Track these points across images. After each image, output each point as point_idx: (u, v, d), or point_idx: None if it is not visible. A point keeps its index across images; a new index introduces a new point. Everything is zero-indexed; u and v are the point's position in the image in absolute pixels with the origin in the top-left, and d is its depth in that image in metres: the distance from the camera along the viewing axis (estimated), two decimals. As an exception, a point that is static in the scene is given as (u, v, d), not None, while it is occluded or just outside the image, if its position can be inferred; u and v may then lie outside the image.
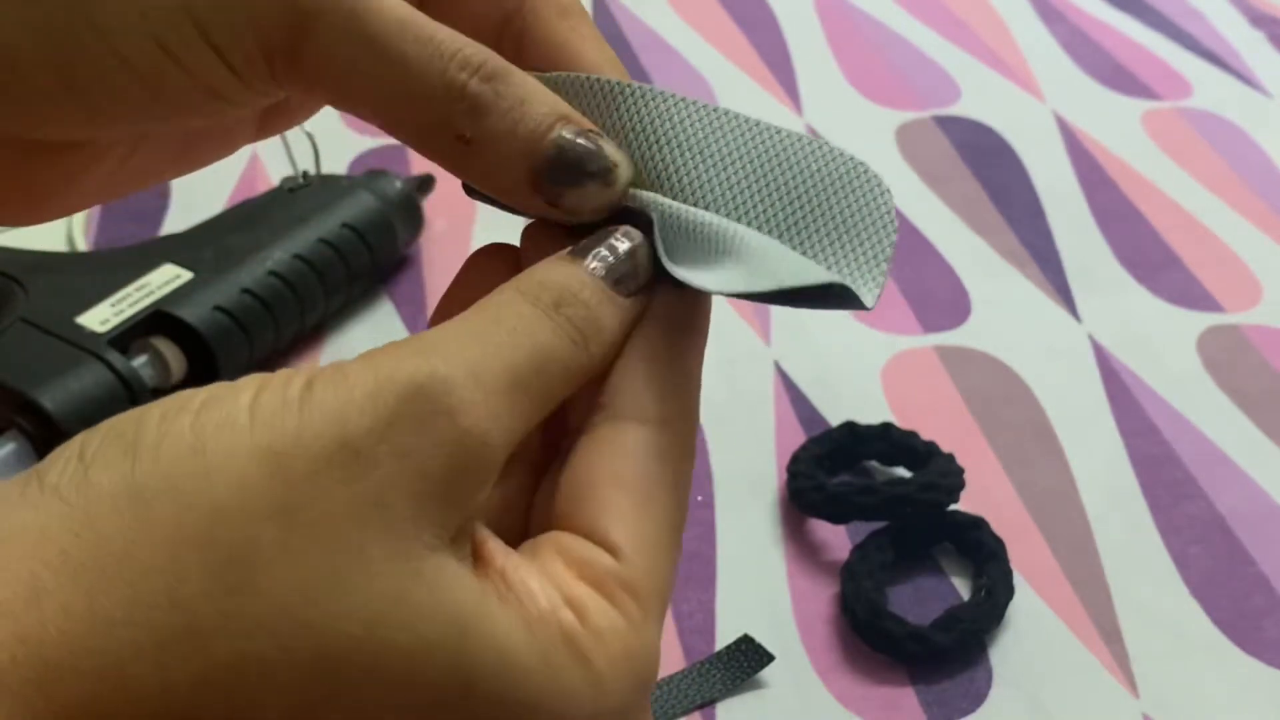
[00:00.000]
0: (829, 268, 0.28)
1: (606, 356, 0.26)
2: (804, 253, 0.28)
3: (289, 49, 0.26)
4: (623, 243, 0.27)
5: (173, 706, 0.21)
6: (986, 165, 0.71)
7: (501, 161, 0.27)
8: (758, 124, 0.29)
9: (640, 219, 0.27)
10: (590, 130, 0.27)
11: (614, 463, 0.25)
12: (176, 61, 0.26)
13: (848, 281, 0.27)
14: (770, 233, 0.28)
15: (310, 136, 0.61)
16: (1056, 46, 0.83)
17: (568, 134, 0.26)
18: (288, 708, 0.21)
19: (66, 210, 0.30)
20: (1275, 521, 0.51)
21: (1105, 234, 0.67)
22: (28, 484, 0.22)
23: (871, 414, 0.54)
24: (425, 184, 0.64)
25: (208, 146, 0.32)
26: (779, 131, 0.29)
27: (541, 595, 0.23)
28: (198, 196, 0.67)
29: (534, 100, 0.27)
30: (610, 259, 0.26)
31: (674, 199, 0.28)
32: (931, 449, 0.51)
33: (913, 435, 0.52)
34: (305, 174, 0.62)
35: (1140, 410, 0.56)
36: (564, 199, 0.27)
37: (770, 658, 0.45)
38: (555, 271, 0.26)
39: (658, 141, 0.28)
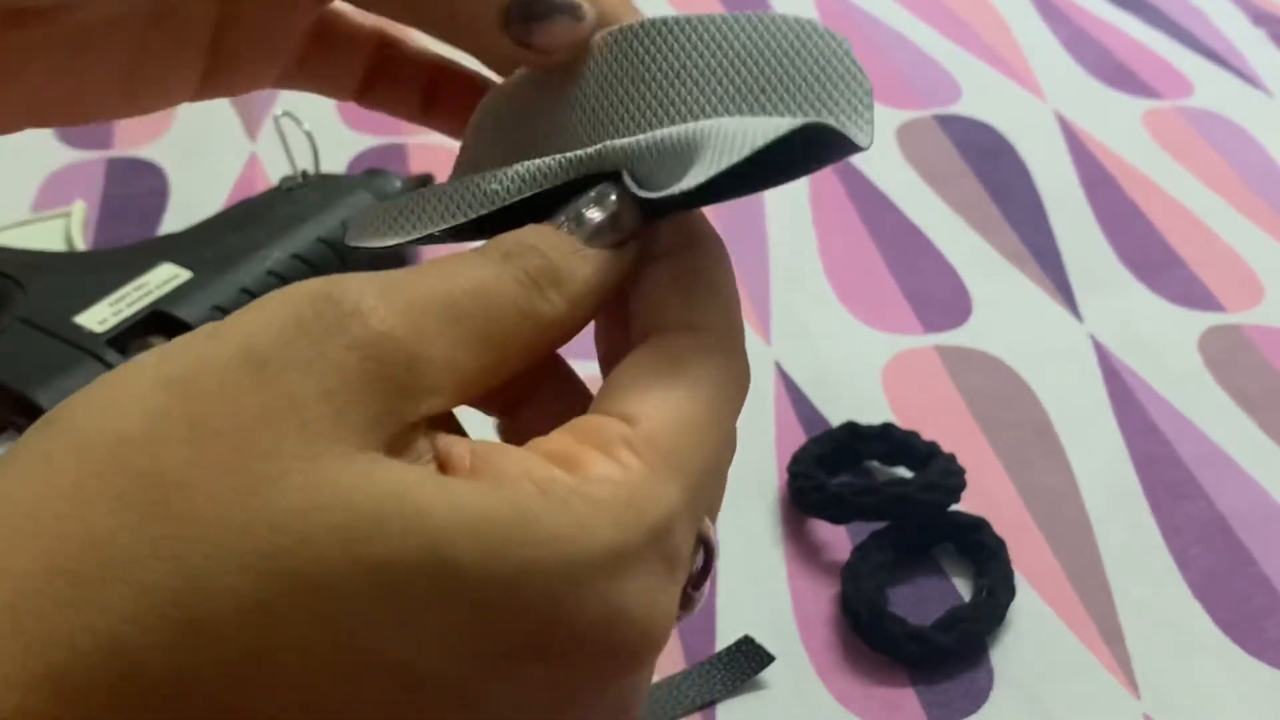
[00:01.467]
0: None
1: (585, 305, 0.25)
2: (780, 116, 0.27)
3: None
4: (595, 200, 0.25)
5: (119, 645, 0.20)
6: (987, 164, 0.71)
7: None
8: (699, 22, 0.27)
9: (610, 175, 0.26)
10: None
11: (645, 357, 0.24)
12: None
13: (833, 123, 0.26)
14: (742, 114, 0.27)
15: (309, 135, 0.61)
16: (1057, 45, 0.83)
17: None
18: (244, 613, 0.20)
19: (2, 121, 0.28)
20: (1277, 521, 0.51)
21: (1106, 233, 0.67)
22: None
23: (872, 414, 0.54)
24: (424, 183, 0.64)
25: (150, 81, 0.30)
26: (724, 21, 0.27)
27: (514, 462, 0.22)
28: (196, 196, 0.67)
29: None
30: (580, 214, 0.25)
31: (635, 128, 0.27)
32: (932, 449, 0.51)
33: (913, 435, 0.51)
34: (304, 173, 0.61)
35: (1141, 410, 0.56)
36: (533, 35, 0.26)
37: (771, 658, 0.45)
38: (515, 232, 0.25)
39: (609, 77, 0.27)
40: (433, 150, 0.71)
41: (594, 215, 0.25)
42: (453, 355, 0.22)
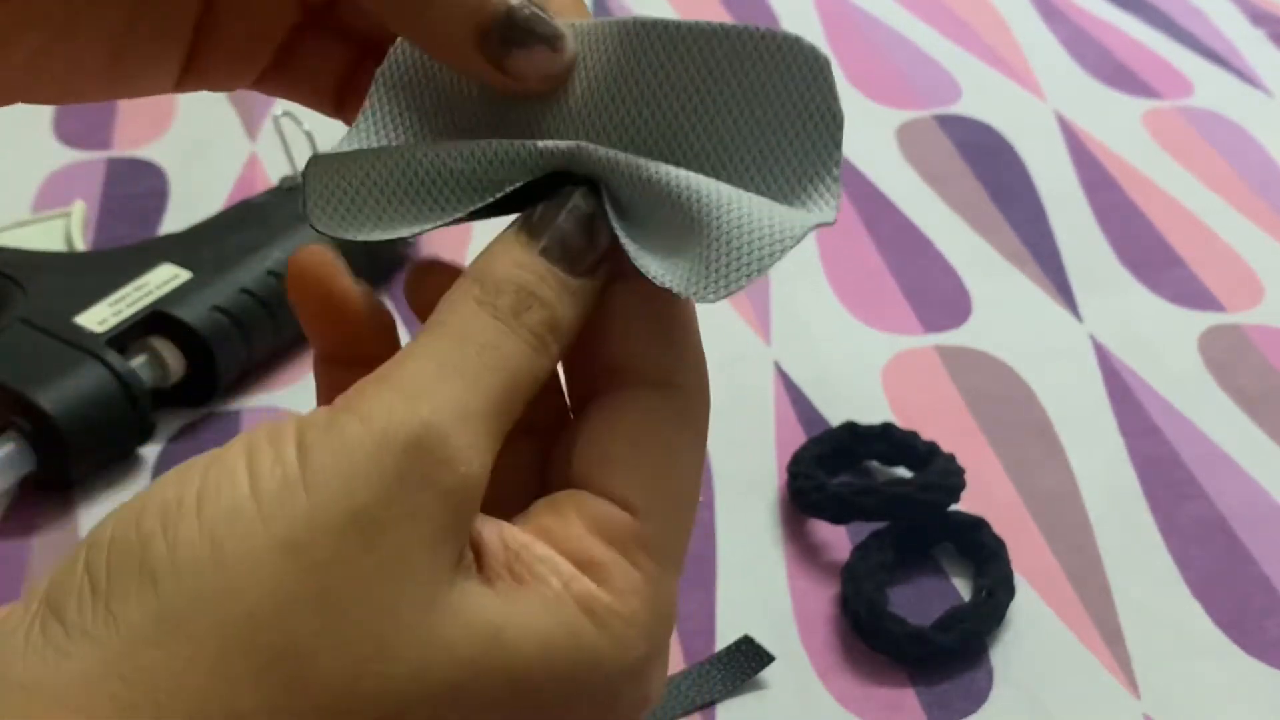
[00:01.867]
0: (779, 192, 0.26)
1: (569, 346, 0.26)
2: (745, 179, 0.26)
3: None
4: (574, 215, 0.25)
5: None
6: (987, 165, 0.71)
7: (454, 10, 0.26)
8: (684, 29, 0.27)
9: (582, 183, 0.26)
10: (537, 2, 0.26)
11: (629, 424, 0.25)
12: None
13: (798, 224, 0.25)
14: (709, 166, 0.26)
15: (309, 135, 0.61)
16: (1057, 45, 0.83)
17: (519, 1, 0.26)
18: None
19: None
20: (1276, 521, 0.51)
21: (1106, 233, 0.67)
22: (46, 624, 0.21)
23: (872, 414, 0.54)
24: None
25: (133, 66, 0.30)
26: (709, 32, 0.27)
27: (553, 573, 0.24)
28: (196, 196, 0.67)
29: None
30: (563, 234, 0.25)
31: (608, 130, 0.27)
32: (932, 449, 0.51)
33: (913, 435, 0.51)
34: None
35: (1141, 410, 0.56)
36: (510, 59, 0.26)
37: (770, 658, 0.45)
38: (508, 263, 0.25)
39: (586, 68, 0.27)
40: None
41: (576, 235, 0.25)
42: (493, 449, 0.24)
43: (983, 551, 0.48)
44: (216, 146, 0.71)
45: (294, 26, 0.31)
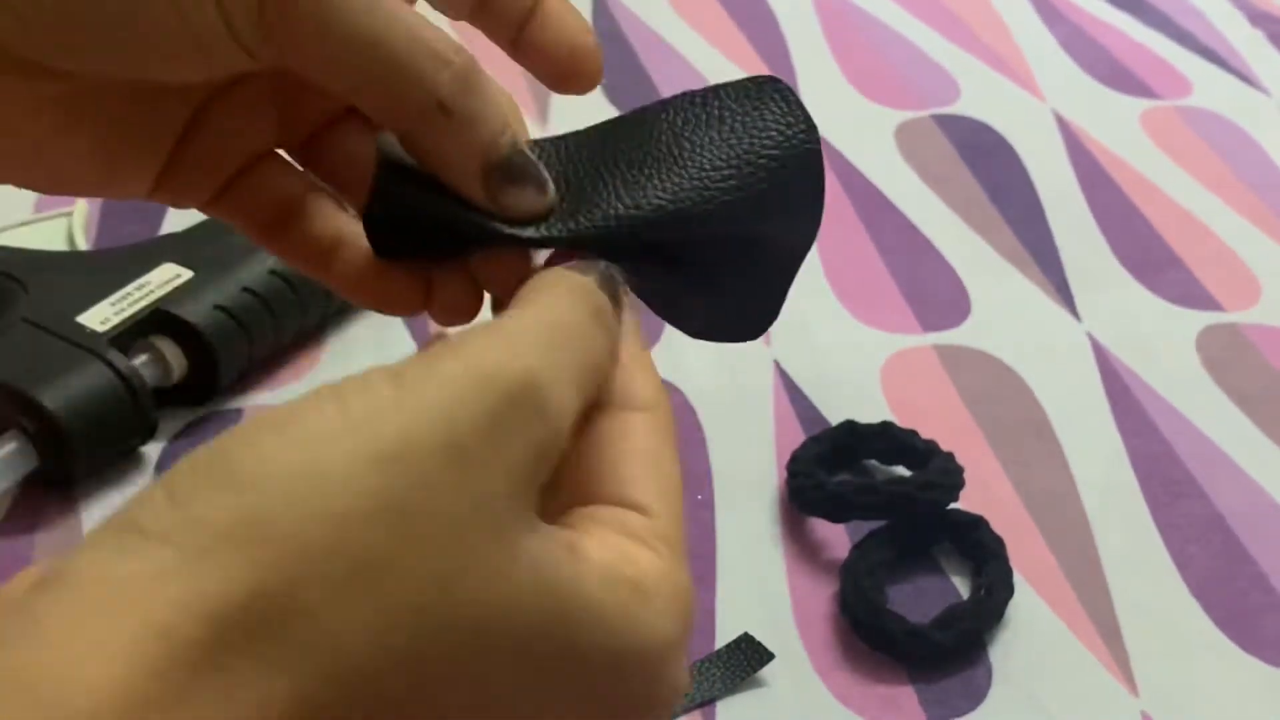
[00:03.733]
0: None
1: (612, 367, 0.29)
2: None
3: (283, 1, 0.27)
4: (605, 270, 0.29)
5: (313, 706, 0.21)
6: (986, 164, 0.72)
7: (467, 143, 0.29)
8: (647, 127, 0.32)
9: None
10: (526, 144, 0.30)
11: (627, 443, 0.28)
12: None
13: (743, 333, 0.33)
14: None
15: None
16: (1056, 46, 0.83)
17: (518, 142, 0.30)
18: (426, 694, 0.23)
19: None
20: (1274, 520, 0.51)
21: (1105, 233, 0.67)
22: (122, 533, 0.22)
23: (871, 413, 0.54)
24: None
25: (119, 167, 0.32)
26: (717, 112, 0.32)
27: (599, 553, 0.26)
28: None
29: (497, 98, 0.30)
30: (606, 285, 0.29)
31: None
32: (931, 448, 0.51)
33: (912, 434, 0.52)
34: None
35: (1139, 409, 0.56)
36: (504, 194, 0.29)
37: (770, 656, 0.45)
38: (575, 276, 0.28)
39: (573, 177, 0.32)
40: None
41: (608, 284, 0.29)
42: (575, 416, 0.26)
43: (981, 550, 0.48)
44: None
45: (257, 155, 0.34)
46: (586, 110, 0.78)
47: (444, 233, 0.30)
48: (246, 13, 0.27)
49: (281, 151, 0.34)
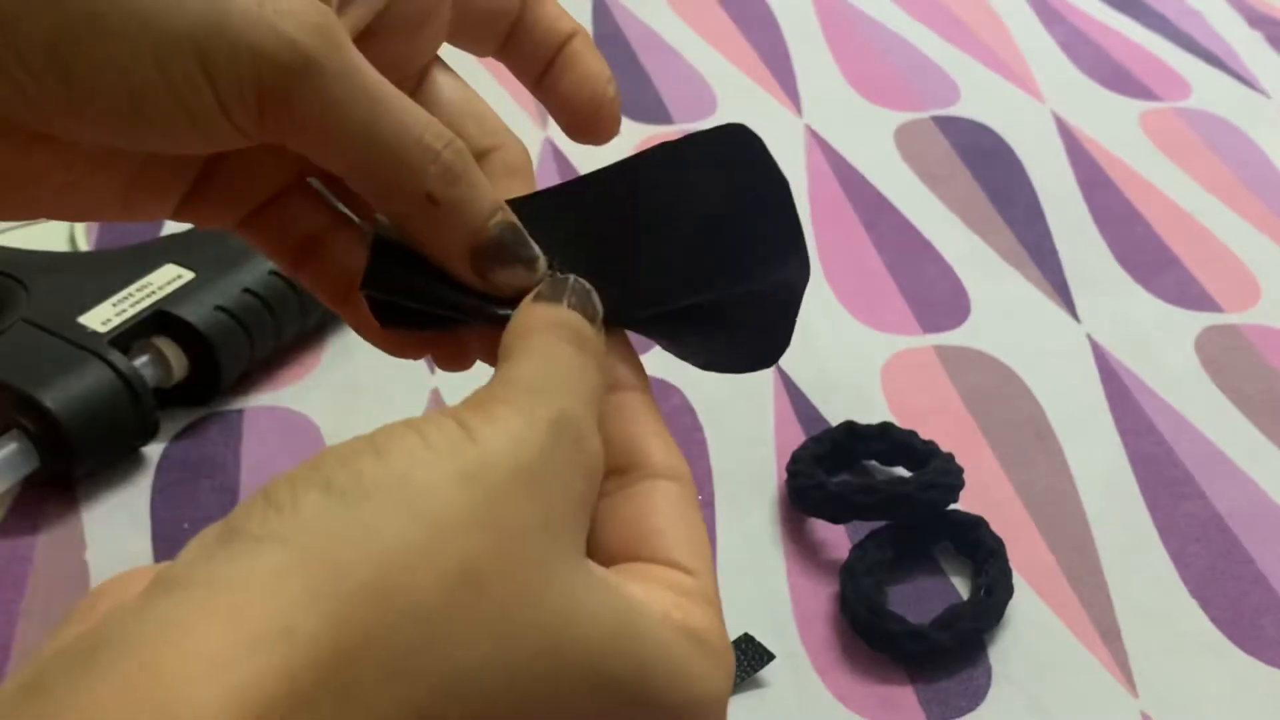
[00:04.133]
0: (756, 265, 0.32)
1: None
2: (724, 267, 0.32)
3: (281, 93, 0.28)
4: (578, 286, 0.30)
5: (420, 714, 0.22)
6: (986, 165, 0.72)
7: (454, 229, 0.30)
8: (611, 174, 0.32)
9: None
10: (516, 223, 0.31)
11: (664, 510, 0.30)
12: (169, 83, 0.27)
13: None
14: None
15: None
16: (1055, 47, 0.83)
17: (507, 222, 0.31)
18: (512, 701, 0.24)
19: (14, 213, 0.32)
20: (1274, 521, 0.51)
21: (1104, 234, 0.67)
22: (229, 539, 0.22)
23: (871, 414, 0.54)
24: None
25: (140, 201, 0.33)
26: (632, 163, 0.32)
27: (655, 599, 0.27)
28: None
29: (484, 185, 0.30)
30: (578, 299, 0.30)
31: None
32: (931, 448, 0.51)
33: (912, 435, 0.52)
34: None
35: (1139, 410, 0.56)
36: (493, 275, 0.30)
37: (770, 657, 0.45)
38: (555, 311, 0.29)
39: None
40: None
41: (585, 300, 0.30)
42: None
43: (981, 550, 0.48)
44: (218, 147, 0.71)
45: (284, 185, 0.35)
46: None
47: (435, 313, 0.31)
48: (244, 106, 0.28)
49: (315, 181, 0.35)
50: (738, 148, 0.32)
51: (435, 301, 0.31)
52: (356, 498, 0.23)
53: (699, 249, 0.31)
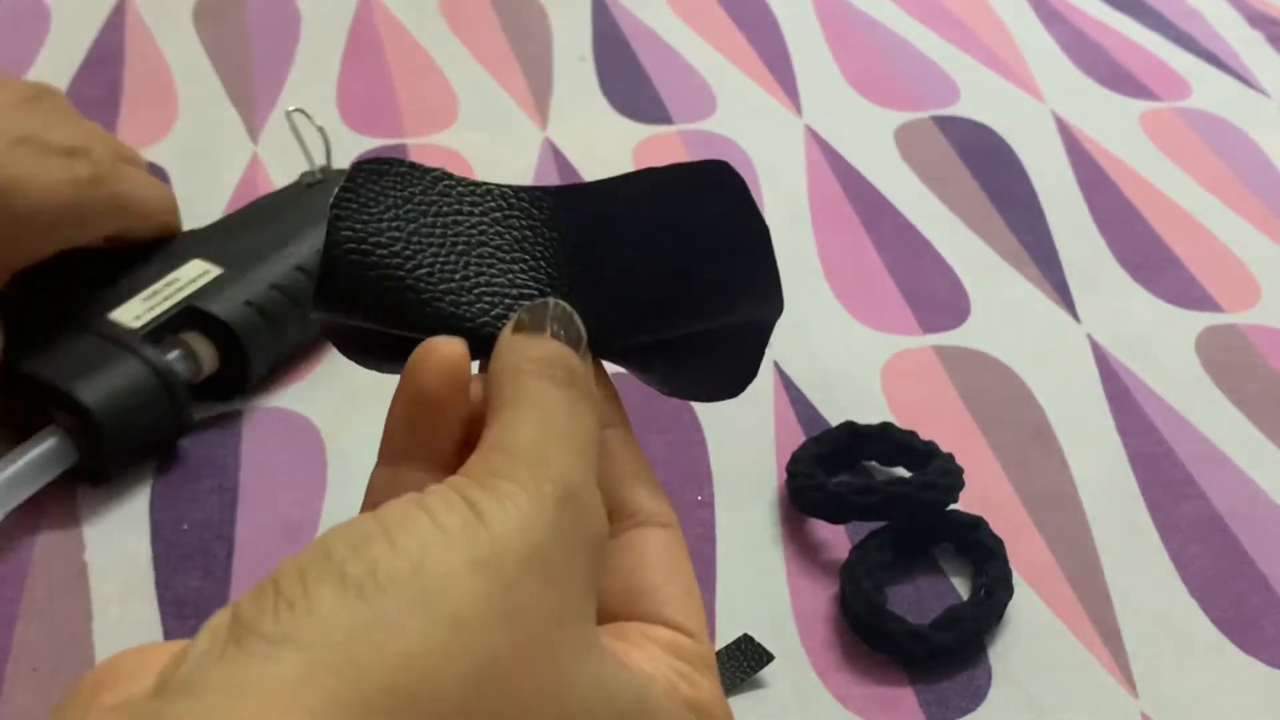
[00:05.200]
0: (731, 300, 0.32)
1: None
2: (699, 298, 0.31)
3: None
4: (559, 310, 0.30)
5: None
6: (986, 166, 0.72)
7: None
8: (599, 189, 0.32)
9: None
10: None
11: (659, 563, 0.30)
12: None
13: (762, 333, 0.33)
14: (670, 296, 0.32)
15: (322, 131, 0.62)
16: (1055, 47, 0.83)
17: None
18: None
19: None
20: (1274, 521, 0.51)
21: (1104, 234, 0.67)
22: (240, 639, 0.22)
23: (871, 414, 0.54)
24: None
25: None
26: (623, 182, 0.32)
27: (658, 670, 0.27)
28: (199, 197, 0.67)
29: None
30: (561, 324, 0.29)
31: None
32: (931, 449, 0.51)
33: (912, 435, 0.52)
34: (323, 168, 0.62)
35: (1139, 410, 0.56)
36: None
37: (770, 657, 0.45)
38: (537, 347, 0.29)
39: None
40: (433, 152, 0.71)
41: (567, 324, 0.30)
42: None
43: (981, 551, 0.48)
44: (219, 148, 0.71)
45: None
46: (586, 111, 0.78)
47: (394, 334, 0.31)
48: None
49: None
50: (719, 185, 0.31)
51: (395, 318, 0.30)
52: (372, 591, 0.22)
53: (677, 283, 0.31)
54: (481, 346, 0.30)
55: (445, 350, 0.29)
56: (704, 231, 0.31)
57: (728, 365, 0.33)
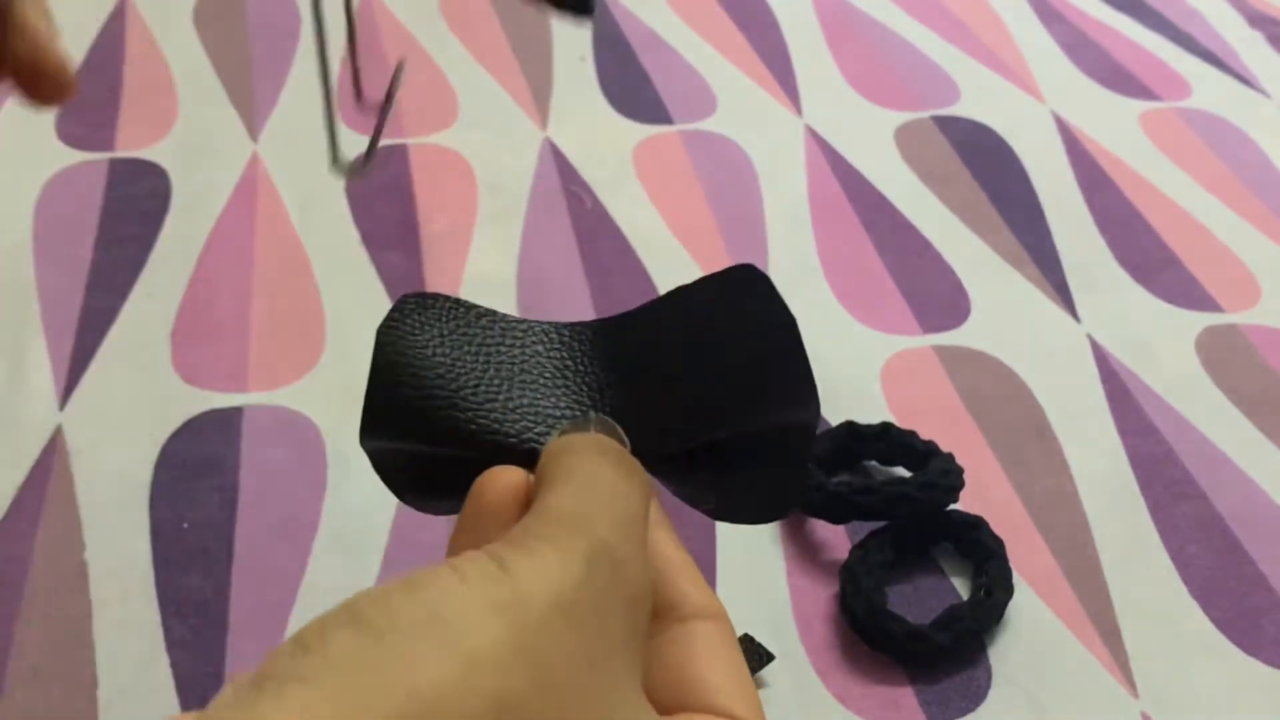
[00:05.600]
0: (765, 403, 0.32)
1: None
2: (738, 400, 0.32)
3: None
4: (604, 422, 0.31)
5: None
6: (986, 165, 0.72)
7: None
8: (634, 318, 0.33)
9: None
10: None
11: (708, 655, 0.30)
12: None
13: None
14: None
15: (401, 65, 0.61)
16: (1055, 47, 0.83)
17: None
18: None
19: None
20: (1274, 521, 0.51)
21: (1104, 234, 0.67)
22: (259, 683, 0.22)
23: (871, 414, 0.54)
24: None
25: None
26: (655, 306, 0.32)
27: None
28: (199, 196, 0.67)
29: None
30: (606, 428, 0.30)
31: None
32: (931, 449, 0.51)
33: (912, 435, 0.52)
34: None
35: (1139, 410, 0.56)
36: None
37: (770, 657, 0.45)
38: (590, 435, 0.30)
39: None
40: (433, 151, 0.71)
41: (611, 429, 0.31)
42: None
43: (981, 550, 0.48)
44: (218, 146, 0.71)
45: None
46: (586, 111, 0.78)
47: (441, 454, 0.31)
48: None
49: None
50: (747, 286, 0.32)
51: (438, 435, 0.30)
52: (388, 633, 0.22)
53: (711, 388, 0.31)
54: (526, 463, 0.31)
55: (507, 478, 0.29)
56: (734, 331, 0.32)
57: (771, 477, 0.34)
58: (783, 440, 0.33)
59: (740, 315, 0.32)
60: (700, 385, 0.31)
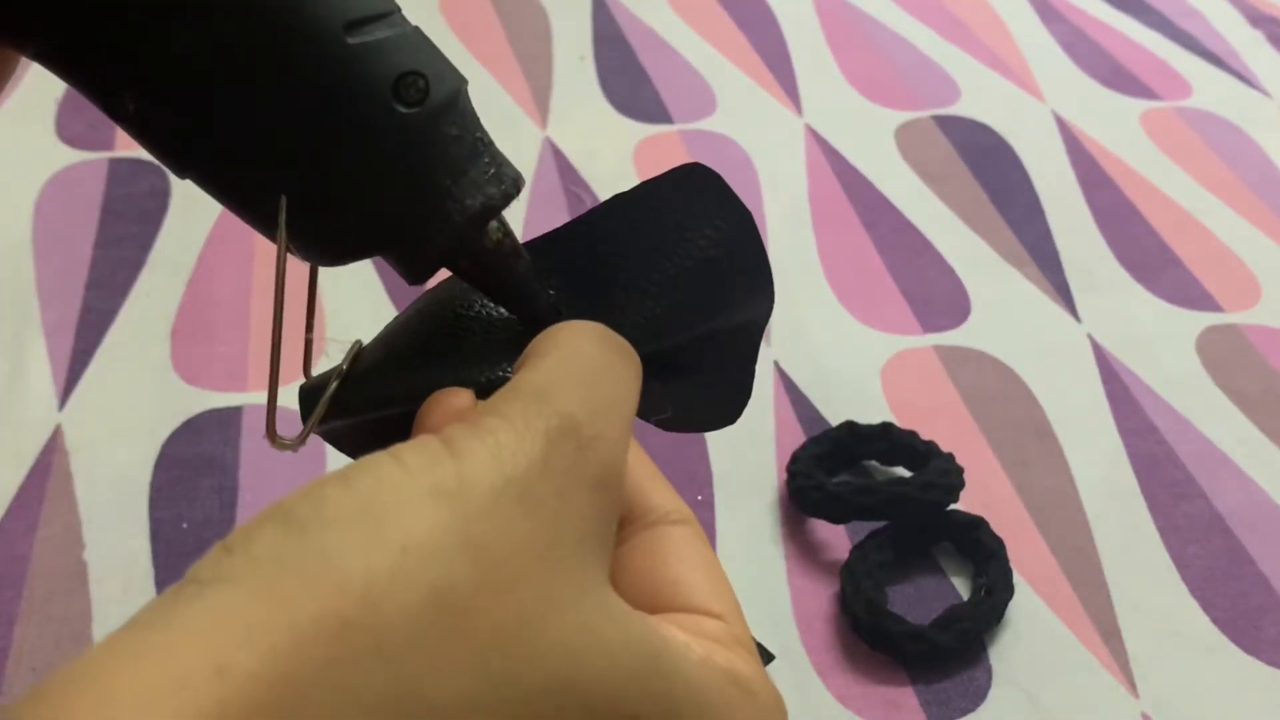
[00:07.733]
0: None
1: None
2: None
3: None
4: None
5: None
6: (986, 165, 0.72)
7: None
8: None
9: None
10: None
11: (680, 555, 0.28)
12: None
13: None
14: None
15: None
16: (1056, 47, 0.83)
17: None
18: None
19: None
20: (1274, 521, 0.51)
21: (1104, 234, 0.67)
22: (179, 591, 0.20)
23: (871, 414, 0.54)
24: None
25: None
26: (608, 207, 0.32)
27: (696, 642, 0.25)
28: (198, 195, 0.67)
29: None
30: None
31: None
32: (931, 448, 0.51)
33: (912, 435, 0.52)
34: None
35: (1139, 410, 0.56)
36: None
37: (770, 657, 0.45)
38: (601, 327, 0.28)
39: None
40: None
41: None
42: (626, 442, 0.26)
43: (981, 550, 0.48)
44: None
45: None
46: (586, 110, 0.78)
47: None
48: None
49: None
50: (698, 185, 0.31)
51: (397, 398, 0.30)
52: (315, 527, 0.21)
53: (669, 292, 0.31)
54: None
55: (451, 399, 0.28)
56: (689, 232, 0.31)
57: (721, 382, 0.33)
58: (733, 339, 0.32)
59: (693, 215, 0.31)
60: (658, 290, 0.31)
